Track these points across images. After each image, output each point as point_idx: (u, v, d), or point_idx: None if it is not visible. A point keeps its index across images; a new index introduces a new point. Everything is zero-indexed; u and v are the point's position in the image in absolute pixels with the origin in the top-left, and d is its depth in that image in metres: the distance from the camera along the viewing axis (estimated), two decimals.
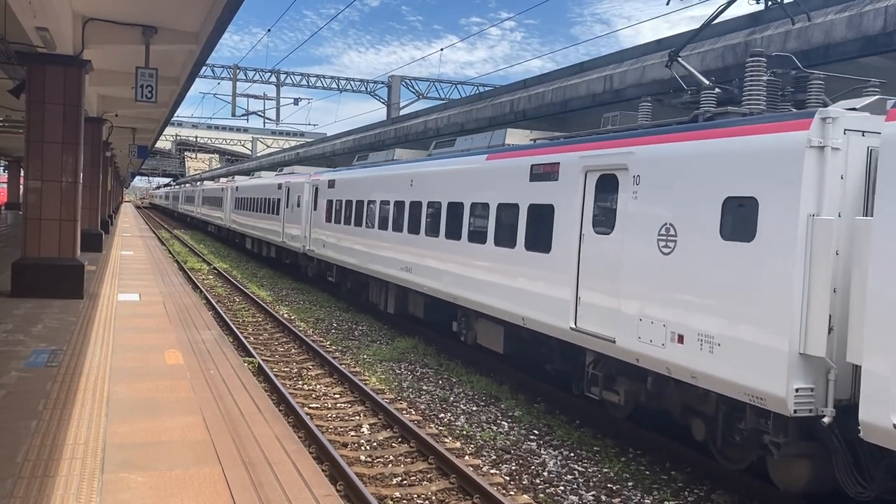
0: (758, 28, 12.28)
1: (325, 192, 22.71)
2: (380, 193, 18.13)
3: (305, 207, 24.94)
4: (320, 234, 23.13)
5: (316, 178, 24.34)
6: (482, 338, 13.59)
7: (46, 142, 15.13)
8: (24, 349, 10.57)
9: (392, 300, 17.66)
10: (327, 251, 22.22)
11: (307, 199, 24.87)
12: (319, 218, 23.26)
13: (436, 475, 8.96)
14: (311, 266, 25.08)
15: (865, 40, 10.29)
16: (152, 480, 6.11)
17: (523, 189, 11.78)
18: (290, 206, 27.12)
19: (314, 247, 23.83)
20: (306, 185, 25.11)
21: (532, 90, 18.97)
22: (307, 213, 24.64)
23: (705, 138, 8.28)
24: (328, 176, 22.97)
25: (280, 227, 28.72)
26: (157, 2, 13.27)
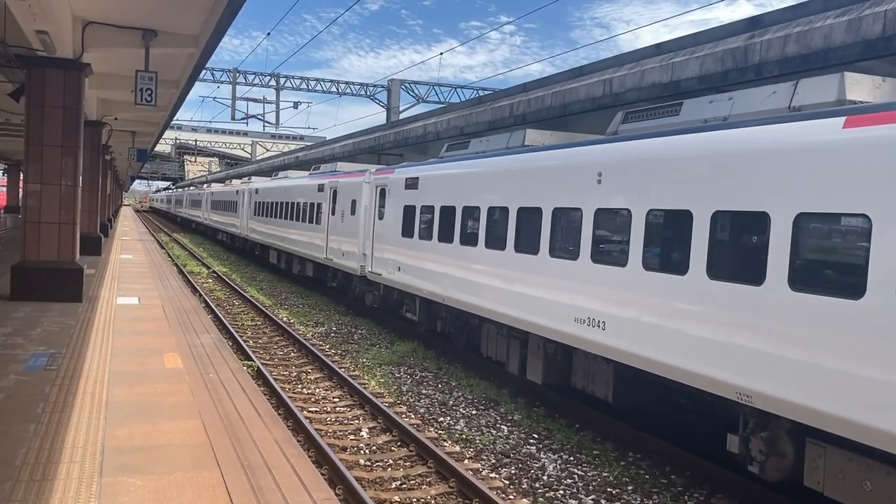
0: (757, 32, 12.29)
1: (401, 194, 17.03)
2: (518, 195, 12.13)
3: (364, 215, 19.51)
4: (391, 252, 17.46)
5: (382, 176, 18.82)
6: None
7: (46, 145, 15.12)
8: (22, 352, 10.55)
9: (537, 363, 11.85)
10: (404, 277, 16.57)
11: (366, 205, 19.55)
12: (389, 230, 17.66)
13: (435, 479, 8.95)
14: (373, 293, 19.49)
15: (864, 44, 10.29)
16: (151, 484, 6.10)
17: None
18: (339, 214, 21.68)
19: (380, 269, 18.16)
20: (365, 185, 19.76)
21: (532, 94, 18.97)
22: (367, 224, 19.25)
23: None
24: (406, 173, 17.15)
25: (322, 240, 23.30)
26: (157, 5, 13.27)
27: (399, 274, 16.81)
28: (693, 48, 13.65)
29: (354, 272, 19.94)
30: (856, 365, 6.54)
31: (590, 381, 10.86)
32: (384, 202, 18.20)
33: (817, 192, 6.98)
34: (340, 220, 21.53)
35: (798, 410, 7.00)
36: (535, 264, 11.50)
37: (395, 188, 17.51)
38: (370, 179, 19.65)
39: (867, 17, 10.26)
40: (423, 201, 15.73)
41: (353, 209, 20.53)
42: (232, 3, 11.73)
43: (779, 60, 11.63)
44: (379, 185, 18.71)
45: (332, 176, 23.32)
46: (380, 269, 18.22)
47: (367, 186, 19.78)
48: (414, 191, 16.28)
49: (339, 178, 22.44)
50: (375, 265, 18.58)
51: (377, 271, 18.37)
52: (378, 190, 18.69)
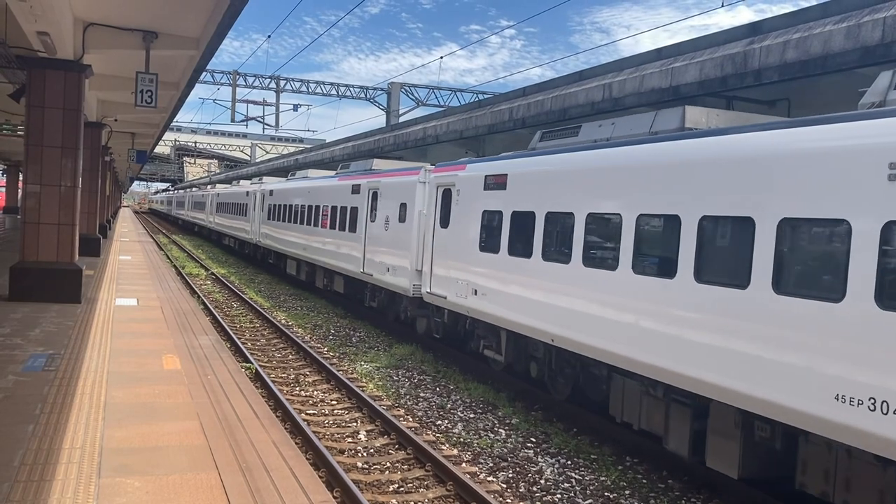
0: (756, 38, 12.32)
1: (478, 196, 13.51)
2: (700, 200, 8.59)
3: (419, 223, 16.25)
4: (462, 270, 13.86)
5: (446, 173, 15.02)
6: None
7: (46, 146, 15.13)
8: (21, 353, 10.55)
9: (731, 447, 8.36)
10: (483, 303, 13.06)
11: (421, 210, 16.28)
12: (458, 242, 14.12)
13: (433, 482, 8.96)
14: (431, 320, 16.00)
15: (863, 51, 10.32)
16: (149, 485, 6.11)
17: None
18: (382, 220, 18.43)
19: (444, 290, 14.56)
20: (420, 186, 16.55)
21: (531, 98, 18.99)
22: (423, 233, 16.01)
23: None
24: (485, 169, 13.47)
25: (358, 251, 19.90)
26: (158, 7, 13.29)
27: (475, 299, 13.19)
28: (693, 53, 13.69)
29: (404, 292, 16.60)
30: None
31: (843, 487, 7.30)
32: (449, 206, 14.54)
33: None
34: (384, 228, 18.09)
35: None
36: (744, 304, 7.79)
37: (467, 189, 13.93)
38: (427, 178, 16.26)
39: (866, 23, 10.30)
40: (516, 205, 12.22)
41: (402, 215, 17.05)
42: (233, 6, 11.75)
43: (778, 66, 11.66)
44: (441, 186, 15.10)
45: (370, 175, 19.70)
46: (443, 290, 14.51)
47: (422, 187, 16.41)
48: (499, 192, 12.74)
49: (382, 177, 18.75)
50: (437, 285, 14.88)
51: (439, 293, 14.65)
52: (440, 191, 15.10)
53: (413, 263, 16.26)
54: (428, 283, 15.37)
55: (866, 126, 6.91)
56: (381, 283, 18.22)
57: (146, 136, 35.74)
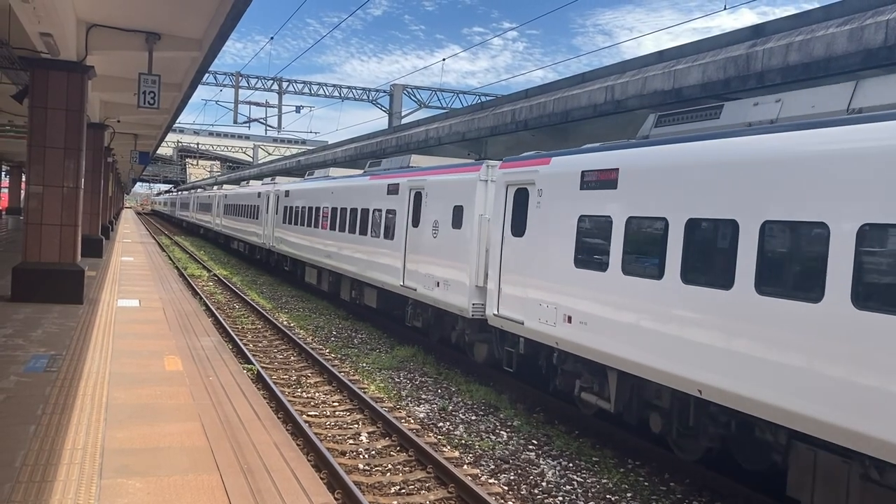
0: (759, 40, 12.32)
1: (572, 197, 10.95)
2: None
3: (481, 230, 13.82)
4: (547, 290, 11.30)
5: (521, 169, 12.45)
6: None
7: (48, 147, 15.15)
8: (23, 354, 10.56)
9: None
10: (582, 334, 10.46)
11: (483, 214, 13.85)
12: (539, 255, 11.63)
13: (434, 484, 8.95)
14: (498, 347, 13.47)
15: (866, 53, 10.32)
16: (150, 486, 6.10)
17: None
18: (429, 225, 15.64)
19: (519, 313, 12.03)
20: (481, 184, 13.98)
21: (533, 100, 19.00)
22: (486, 242, 13.61)
23: None
24: (583, 162, 10.87)
25: (396, 261, 17.21)
26: (161, 9, 13.31)
27: (569, 328, 10.60)
28: (695, 56, 13.69)
29: (460, 312, 14.03)
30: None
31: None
32: (526, 210, 12.05)
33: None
34: (431, 235, 15.46)
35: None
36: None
37: (554, 188, 11.33)
38: (491, 176, 13.85)
39: (869, 26, 10.29)
40: (635, 209, 9.58)
41: (456, 219, 14.50)
42: (235, 7, 11.76)
43: (781, 69, 11.66)
44: (513, 184, 12.52)
45: (411, 173, 17.13)
46: (518, 313, 11.97)
47: (484, 186, 13.93)
48: (606, 191, 10.15)
49: (427, 175, 16.12)
50: (508, 307, 12.40)
51: (512, 317, 12.14)
52: (511, 191, 12.59)
53: (473, 278, 13.76)
54: (494, 303, 12.81)
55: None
56: (427, 300, 15.55)
57: (149, 137, 35.78)
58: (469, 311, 13.85)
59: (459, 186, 14.68)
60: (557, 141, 19.96)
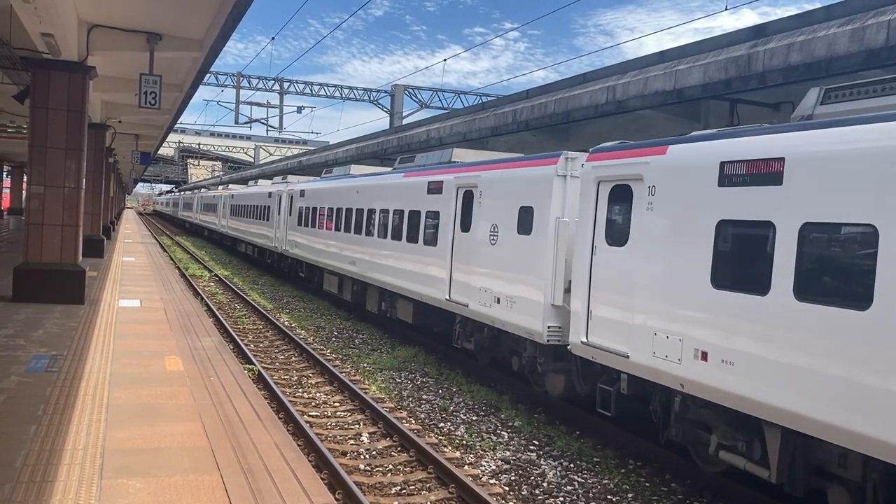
0: (760, 41, 12.32)
1: (704, 198, 8.59)
2: None
3: (557, 235, 11.46)
4: (663, 316, 8.99)
5: (626, 160, 9.98)
6: None
7: (50, 147, 15.16)
8: (24, 354, 10.56)
9: None
10: (728, 376, 8.04)
11: (560, 217, 11.54)
12: (650, 270, 9.29)
13: (435, 485, 8.94)
14: (601, 385, 10.36)
15: (868, 54, 10.31)
16: (151, 486, 6.10)
17: None
18: (485, 230, 13.34)
19: (620, 343, 9.68)
20: (558, 181, 11.65)
21: (535, 100, 19.00)
22: (563, 251, 11.42)
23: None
24: (722, 151, 8.50)
25: (440, 271, 14.95)
26: (162, 9, 13.32)
27: (703, 367, 8.23)
28: (697, 56, 13.69)
29: (531, 336, 11.74)
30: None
31: None
32: (628, 213, 9.75)
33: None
34: (488, 242, 13.15)
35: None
36: None
37: (675, 184, 8.99)
38: (571, 170, 11.57)
39: (871, 26, 10.28)
40: (812, 212, 7.29)
41: (524, 224, 12.19)
42: (237, 8, 11.77)
43: (782, 69, 11.65)
44: (607, 180, 10.20)
45: (457, 169, 14.90)
46: (618, 342, 9.67)
47: (562, 183, 11.59)
48: (761, 189, 7.85)
49: (481, 170, 13.80)
50: (601, 333, 10.05)
51: (612, 347, 9.78)
52: (604, 189, 10.27)
53: (548, 295, 11.39)
54: (581, 327, 10.39)
55: None
56: (482, 318, 13.21)
57: (150, 137, 35.80)
58: (543, 334, 11.40)
59: (528, 184, 12.24)
60: (559, 141, 19.96)
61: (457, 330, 14.65)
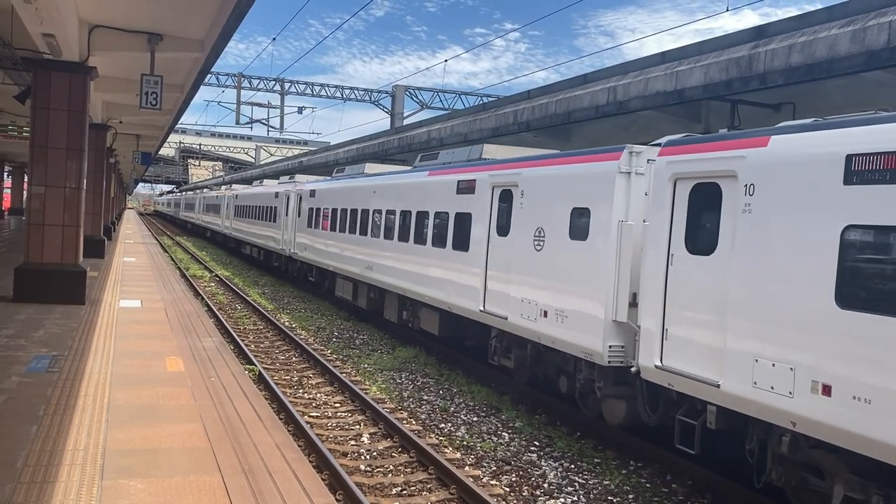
0: (762, 41, 12.31)
1: (825, 197, 7.17)
2: None
3: (620, 241, 10.07)
4: (781, 344, 7.43)
5: (712, 154, 8.56)
6: None
7: (51, 147, 15.17)
8: (25, 354, 10.56)
9: None
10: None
11: (622, 220, 10.11)
12: (761, 288, 7.72)
13: (436, 485, 8.94)
14: (678, 417, 8.91)
15: (869, 55, 10.31)
16: (152, 487, 6.10)
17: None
18: (530, 234, 11.94)
19: (707, 371, 8.27)
20: (621, 178, 10.20)
21: (536, 101, 19.00)
22: (627, 260, 10.03)
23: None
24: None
25: (473, 279, 13.64)
26: (163, 10, 13.33)
27: (828, 403, 6.94)
28: (698, 57, 13.68)
29: (588, 356, 10.36)
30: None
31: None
32: (716, 214, 8.41)
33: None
34: (532, 247, 11.81)
35: None
36: None
37: (782, 182, 7.64)
38: (638, 166, 10.16)
39: (872, 27, 10.28)
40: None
41: (578, 227, 10.82)
42: (238, 8, 11.77)
43: (783, 70, 11.65)
44: (688, 177, 8.82)
45: (490, 166, 13.71)
46: (706, 369, 8.25)
47: (625, 181, 10.13)
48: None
49: (523, 167, 12.53)
50: (682, 356, 8.63)
51: (697, 374, 8.35)
52: (684, 188, 8.89)
53: (610, 310, 9.99)
54: (654, 349, 8.97)
55: None
56: (525, 334, 11.86)
57: (151, 138, 35.82)
58: (604, 355, 9.98)
59: (583, 182, 10.83)
60: (560, 142, 19.97)
61: (493, 345, 13.17)
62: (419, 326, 16.54)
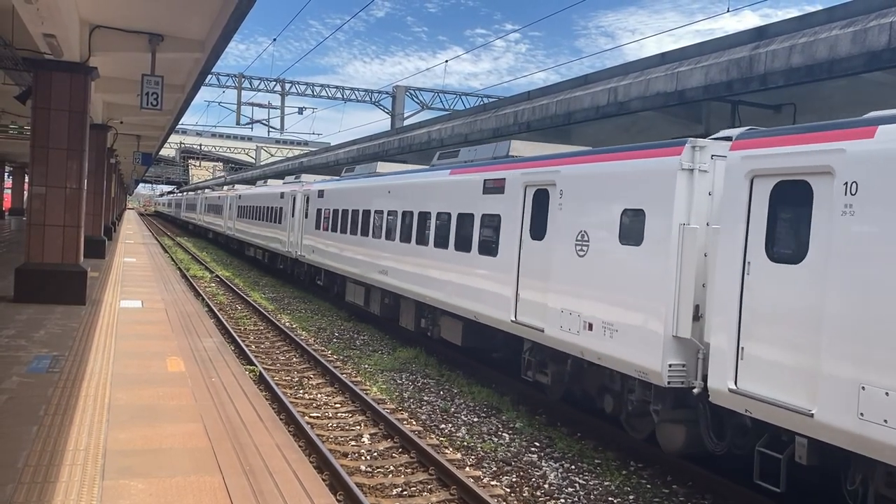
0: (762, 42, 12.31)
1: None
2: None
3: (681, 247, 8.96)
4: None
5: (809, 147, 7.41)
6: None
7: (51, 148, 15.17)
8: (25, 354, 10.57)
9: None
10: None
11: (683, 223, 9.00)
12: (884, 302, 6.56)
13: (436, 486, 8.94)
14: (761, 451, 7.84)
15: (870, 56, 10.31)
16: (152, 487, 6.10)
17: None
18: (571, 239, 10.89)
19: (797, 398, 7.22)
20: (683, 176, 9.05)
21: (536, 102, 19.00)
22: (690, 268, 8.92)
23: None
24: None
25: (503, 286, 12.59)
26: (164, 10, 13.34)
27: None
28: (698, 57, 13.69)
29: (641, 374, 9.27)
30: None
31: None
32: (805, 219, 7.44)
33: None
34: (574, 253, 10.68)
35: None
36: None
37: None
38: (701, 162, 9.01)
39: (872, 28, 10.28)
40: None
41: (630, 231, 9.72)
42: (238, 9, 11.78)
43: (784, 71, 11.65)
44: (767, 174, 7.88)
45: (520, 163, 12.64)
46: (796, 395, 7.27)
47: (688, 178, 9.01)
48: None
49: (562, 164, 11.39)
50: (763, 378, 7.63)
51: (785, 401, 7.34)
52: (763, 187, 7.93)
53: (670, 324, 8.90)
54: (728, 370, 7.91)
55: None
56: (565, 348, 10.80)
57: (151, 138, 35.83)
58: (662, 375, 8.87)
59: (637, 180, 9.70)
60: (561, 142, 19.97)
61: (526, 359, 12.05)
62: (439, 336, 15.56)
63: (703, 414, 8.81)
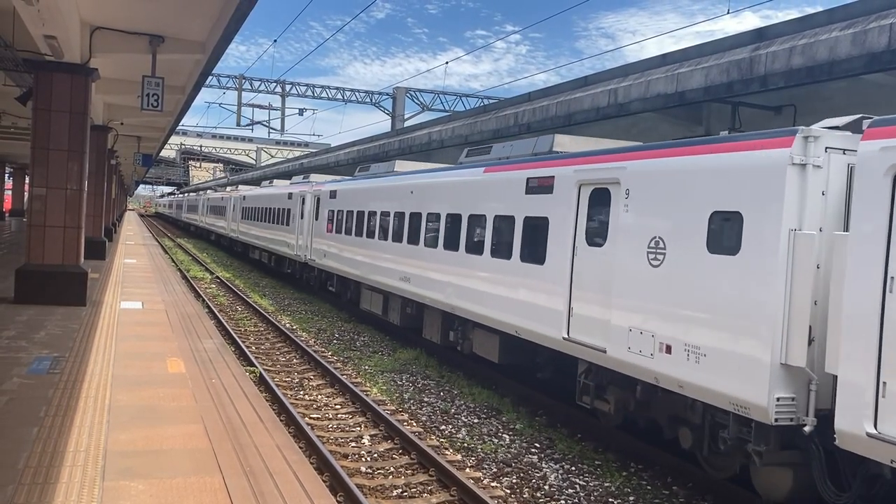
0: (762, 44, 12.31)
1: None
2: None
3: (792, 257, 7.52)
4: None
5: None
6: None
7: (52, 149, 15.18)
8: (26, 356, 10.57)
9: None
10: None
11: (795, 229, 7.54)
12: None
13: (436, 487, 8.94)
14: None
15: (870, 57, 10.31)
16: (153, 488, 6.10)
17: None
18: (638, 247, 9.49)
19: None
20: (794, 171, 7.53)
21: (536, 103, 19.01)
22: (808, 284, 7.45)
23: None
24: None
25: (552, 299, 11.20)
26: (165, 11, 13.35)
27: None
28: (698, 59, 13.69)
29: (740, 408, 7.90)
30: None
31: None
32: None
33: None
34: (649, 262, 9.30)
35: None
36: None
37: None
38: (815, 155, 7.60)
39: (873, 29, 10.28)
40: None
41: (721, 237, 8.39)
42: (239, 10, 11.79)
43: (784, 72, 11.65)
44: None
45: (568, 160, 11.37)
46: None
47: (799, 175, 7.59)
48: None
49: (628, 159, 9.99)
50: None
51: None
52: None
53: (778, 351, 7.52)
54: (866, 410, 6.58)
55: None
56: (634, 372, 9.42)
57: (152, 139, 35.86)
58: (769, 410, 7.48)
59: (732, 177, 8.26)
60: None
61: (582, 382, 10.64)
62: (471, 350, 14.16)
63: (816, 457, 7.46)
